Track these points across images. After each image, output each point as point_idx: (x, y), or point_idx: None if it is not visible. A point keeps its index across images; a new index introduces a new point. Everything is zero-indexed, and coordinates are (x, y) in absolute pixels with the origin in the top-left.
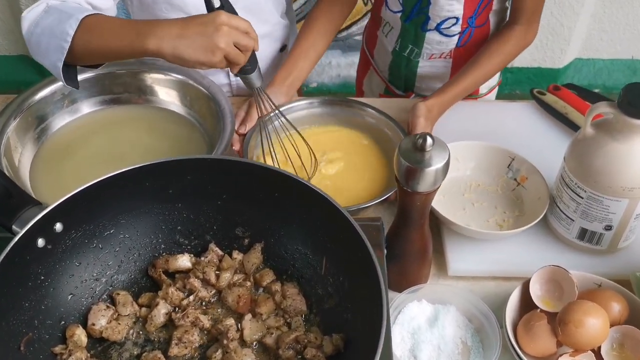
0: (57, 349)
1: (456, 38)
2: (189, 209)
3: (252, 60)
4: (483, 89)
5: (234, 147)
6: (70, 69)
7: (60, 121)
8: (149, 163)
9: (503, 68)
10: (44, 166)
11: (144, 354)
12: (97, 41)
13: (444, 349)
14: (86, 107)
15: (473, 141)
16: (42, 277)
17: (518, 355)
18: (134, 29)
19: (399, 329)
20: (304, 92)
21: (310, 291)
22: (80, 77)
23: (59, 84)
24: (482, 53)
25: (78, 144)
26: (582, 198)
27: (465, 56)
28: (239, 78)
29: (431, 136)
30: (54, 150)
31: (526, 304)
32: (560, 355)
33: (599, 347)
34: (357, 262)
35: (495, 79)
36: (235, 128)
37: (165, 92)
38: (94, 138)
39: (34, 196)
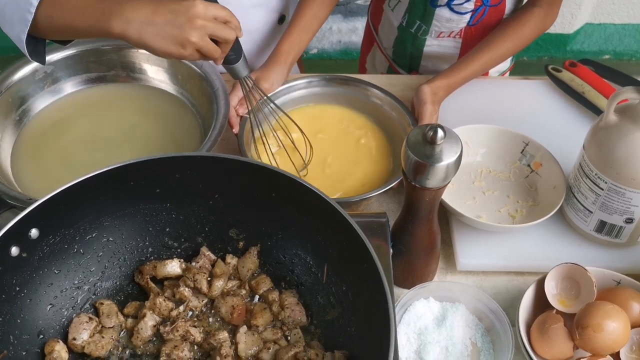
0: None
1: (468, 16)
2: (178, 209)
3: (236, 48)
4: (493, 72)
5: (233, 130)
6: (38, 43)
7: (42, 102)
8: (133, 161)
9: (517, 53)
10: (27, 151)
11: None
12: (60, 17)
13: (453, 350)
14: (70, 87)
15: (484, 125)
16: (18, 288)
17: (531, 359)
18: (100, 7)
19: (405, 329)
20: (304, 58)
21: (311, 300)
22: (61, 55)
23: None
24: (495, 35)
25: (62, 126)
26: (602, 189)
27: (477, 37)
28: None
29: (442, 128)
30: (37, 134)
31: (541, 303)
32: None
33: (618, 351)
34: (361, 271)
35: (506, 64)
36: (233, 105)
37: (155, 70)
38: (78, 120)
39: (15, 185)
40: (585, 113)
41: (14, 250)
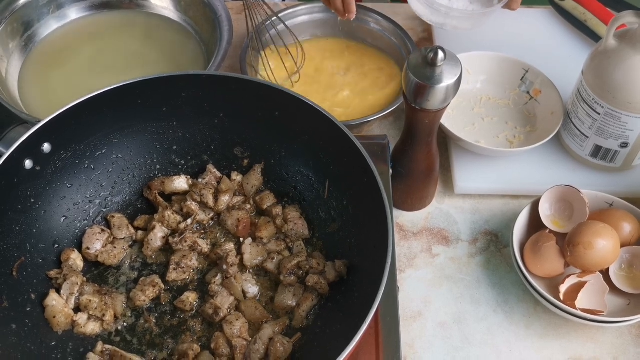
0: (52, 273)
1: None
2: (184, 127)
3: None
4: None
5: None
6: None
7: (47, 28)
8: (140, 79)
9: None
10: (33, 76)
11: (141, 279)
12: None
13: None
14: (74, 13)
15: (485, 52)
16: (32, 200)
17: (524, 276)
18: None
19: None
20: None
21: (313, 214)
22: None
23: None
24: None
25: (67, 52)
26: (599, 114)
27: None
28: None
29: (443, 50)
30: (43, 59)
31: (535, 224)
32: (568, 276)
33: (608, 268)
34: (362, 186)
35: None
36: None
37: None
38: (83, 46)
39: (23, 108)
40: (586, 42)
41: (28, 163)
